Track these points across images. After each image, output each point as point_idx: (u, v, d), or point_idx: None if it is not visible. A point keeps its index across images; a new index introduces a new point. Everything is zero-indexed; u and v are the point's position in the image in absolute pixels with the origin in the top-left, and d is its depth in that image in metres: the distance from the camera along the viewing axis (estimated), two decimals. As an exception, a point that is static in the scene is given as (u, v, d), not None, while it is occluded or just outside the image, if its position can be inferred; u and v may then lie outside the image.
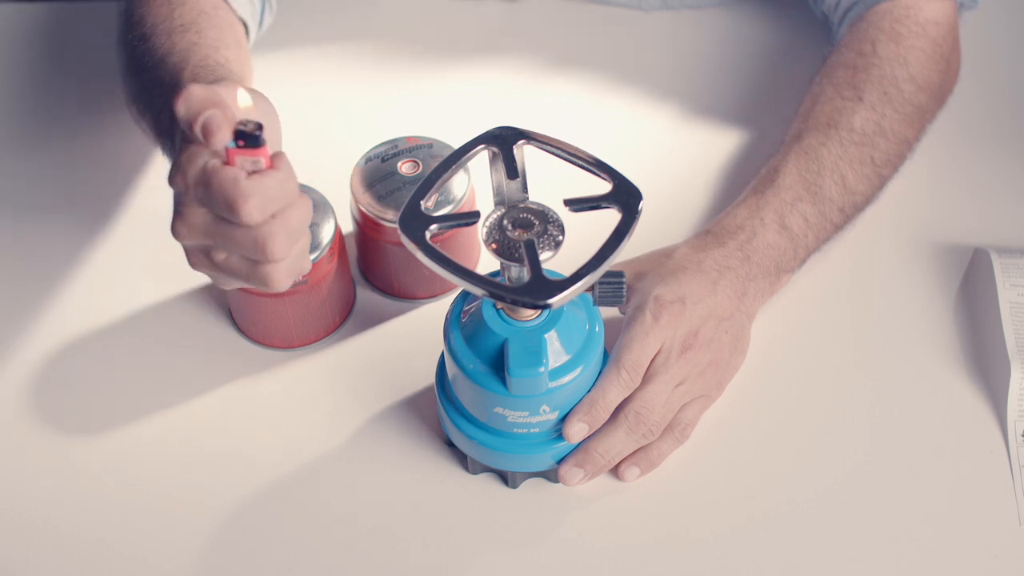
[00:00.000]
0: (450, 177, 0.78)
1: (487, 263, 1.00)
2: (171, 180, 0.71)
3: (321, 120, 1.09)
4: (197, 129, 0.68)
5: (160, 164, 1.08)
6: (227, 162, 0.69)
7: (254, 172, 0.69)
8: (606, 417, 0.83)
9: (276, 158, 0.70)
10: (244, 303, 0.93)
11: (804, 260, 0.92)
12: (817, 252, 0.93)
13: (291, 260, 0.72)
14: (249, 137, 0.69)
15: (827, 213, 0.92)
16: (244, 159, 0.69)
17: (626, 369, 0.82)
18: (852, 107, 0.95)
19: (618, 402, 0.83)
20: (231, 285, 0.76)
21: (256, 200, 0.68)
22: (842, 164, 0.93)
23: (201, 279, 0.99)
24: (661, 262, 0.87)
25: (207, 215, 0.71)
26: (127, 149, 1.09)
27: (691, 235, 0.92)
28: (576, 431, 0.82)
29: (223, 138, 0.68)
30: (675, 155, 1.08)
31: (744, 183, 0.97)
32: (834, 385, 0.93)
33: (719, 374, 0.87)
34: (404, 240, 0.74)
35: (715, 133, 1.10)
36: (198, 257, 0.73)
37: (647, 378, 0.83)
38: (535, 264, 0.73)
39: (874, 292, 0.98)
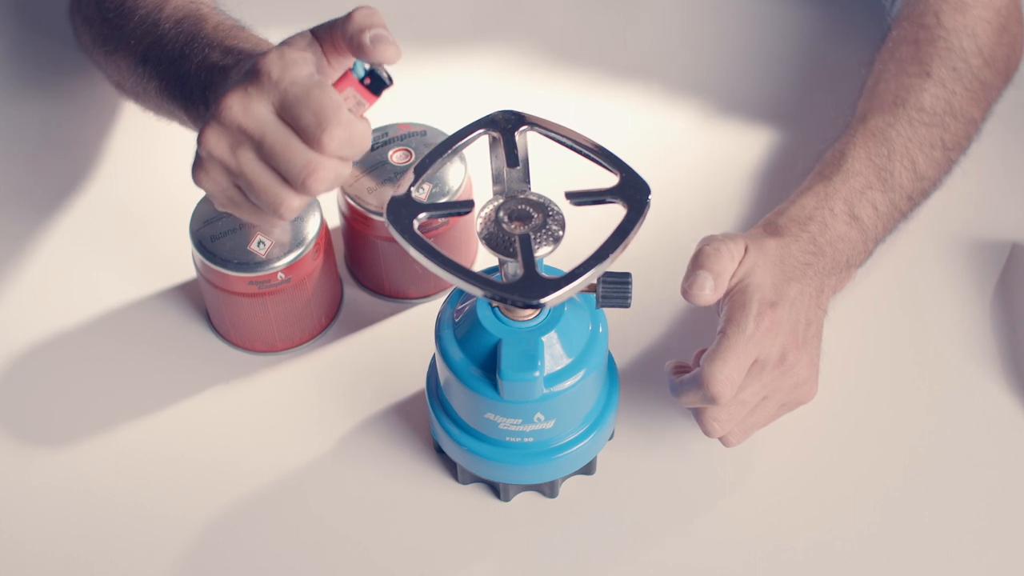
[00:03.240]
0: (446, 162, 0.78)
1: (486, 260, 1.00)
2: (259, 66, 0.73)
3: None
4: (366, 37, 0.72)
5: (129, 148, 1.07)
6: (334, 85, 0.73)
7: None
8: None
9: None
10: (222, 303, 0.92)
11: (871, 253, 0.92)
12: (881, 243, 0.93)
13: (303, 206, 0.76)
14: (378, 81, 0.73)
15: (896, 202, 0.92)
16: (353, 95, 0.74)
17: (717, 384, 0.79)
18: (920, 84, 0.94)
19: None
20: (228, 205, 0.77)
21: (343, 133, 0.72)
22: (912, 147, 0.92)
23: (176, 277, 1.00)
24: (760, 251, 0.85)
25: (268, 112, 0.73)
26: (92, 133, 1.09)
27: (752, 226, 0.91)
28: None
29: (387, 55, 0.72)
30: (696, 147, 1.08)
31: (776, 176, 0.97)
32: (863, 391, 0.93)
33: (809, 386, 0.85)
34: (390, 228, 0.74)
35: (742, 123, 1.09)
36: (214, 166, 0.75)
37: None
38: (529, 260, 0.73)
39: (905, 291, 0.98)
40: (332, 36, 0.76)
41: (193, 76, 0.84)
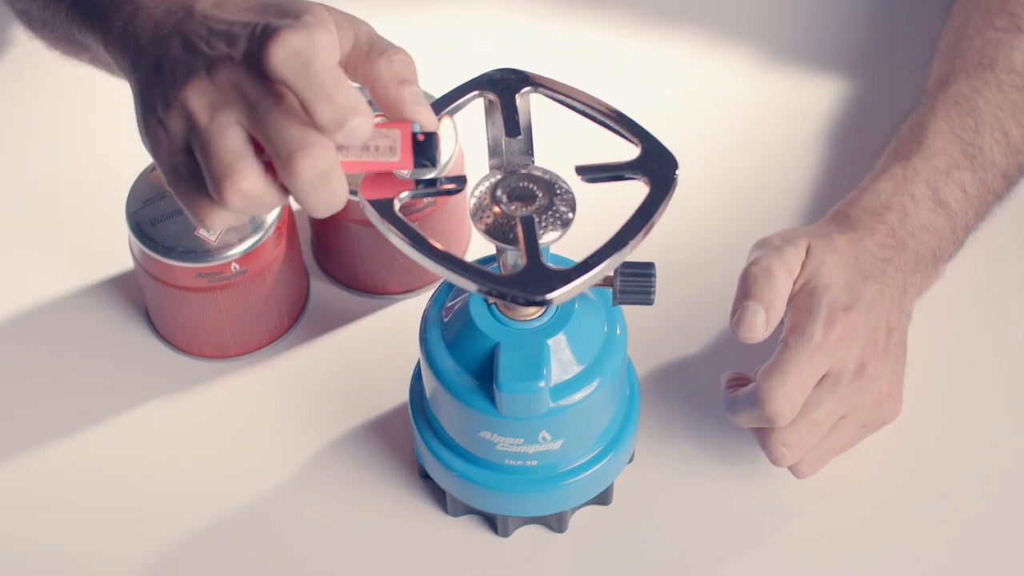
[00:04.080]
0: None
1: (480, 246, 0.98)
2: (280, 33, 0.67)
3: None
4: (406, 92, 0.69)
5: (54, 111, 1.06)
6: None
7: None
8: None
9: None
10: (165, 299, 0.91)
11: (962, 243, 0.91)
12: (974, 231, 0.92)
13: (251, 198, 0.69)
14: (429, 148, 0.70)
15: (988, 181, 0.90)
16: (397, 138, 0.71)
17: (775, 403, 0.78)
18: (1010, 40, 0.93)
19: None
20: (168, 173, 0.71)
21: (366, 123, 0.68)
22: (1004, 116, 0.91)
23: (109, 268, 0.98)
24: (828, 247, 0.86)
25: (250, 76, 0.67)
26: (7, 92, 1.08)
27: (818, 199, 0.93)
28: None
29: (427, 118, 0.70)
30: (748, 103, 1.07)
31: (846, 136, 0.97)
32: (936, 404, 0.92)
33: (892, 403, 0.84)
34: (366, 209, 0.72)
35: (803, 72, 1.09)
36: (178, 117, 0.69)
37: (803, 409, 0.81)
38: (532, 247, 0.70)
39: (981, 280, 0.97)
40: (354, 57, 0.72)
41: None
